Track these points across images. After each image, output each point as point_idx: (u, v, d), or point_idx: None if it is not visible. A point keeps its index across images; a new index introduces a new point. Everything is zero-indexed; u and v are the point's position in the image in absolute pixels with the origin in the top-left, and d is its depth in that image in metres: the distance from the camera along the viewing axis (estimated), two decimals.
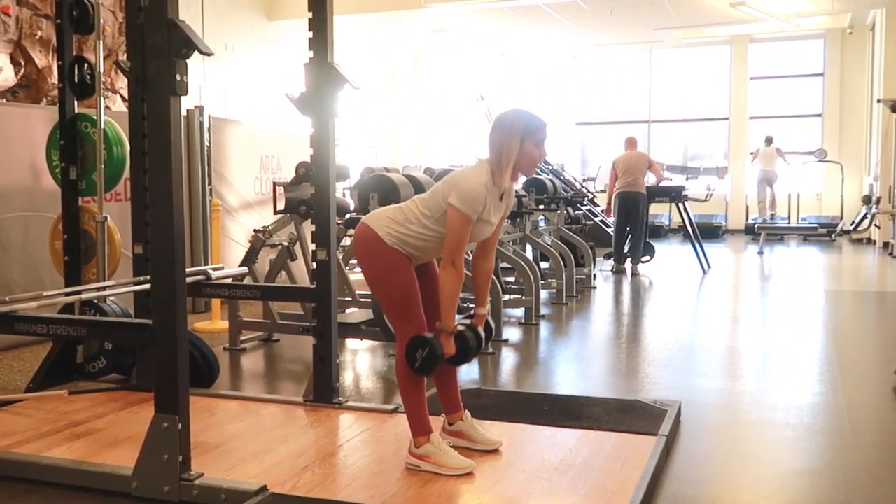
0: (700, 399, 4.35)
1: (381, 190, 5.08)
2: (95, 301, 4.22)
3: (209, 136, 7.39)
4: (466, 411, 3.34)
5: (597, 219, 13.54)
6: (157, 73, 2.80)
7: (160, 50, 2.79)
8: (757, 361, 5.46)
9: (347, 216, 5.66)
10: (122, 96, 8.47)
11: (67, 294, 3.84)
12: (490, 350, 5.43)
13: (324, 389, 3.93)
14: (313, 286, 3.96)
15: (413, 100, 17.23)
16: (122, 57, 8.51)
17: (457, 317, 3.13)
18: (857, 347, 6.07)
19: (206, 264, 6.52)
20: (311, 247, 3.99)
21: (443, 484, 2.94)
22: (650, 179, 10.79)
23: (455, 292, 3.01)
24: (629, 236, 10.09)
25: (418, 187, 5.33)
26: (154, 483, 2.91)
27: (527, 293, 6.63)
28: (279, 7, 12.33)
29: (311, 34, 3.87)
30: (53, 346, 4.31)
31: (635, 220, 9.99)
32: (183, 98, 4.20)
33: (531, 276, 6.53)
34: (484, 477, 3.02)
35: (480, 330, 3.18)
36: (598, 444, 3.36)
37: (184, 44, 2.79)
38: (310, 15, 3.87)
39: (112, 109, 7.92)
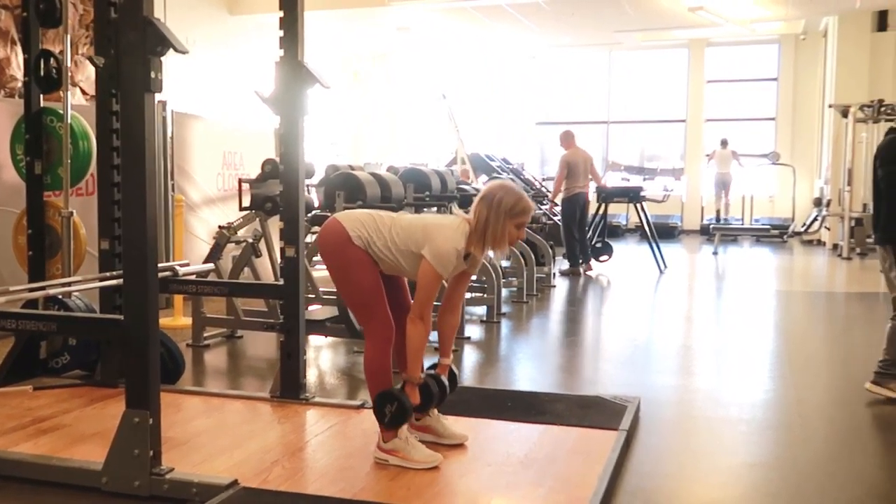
0: (657, 396, 4.47)
1: (348, 188, 5.12)
2: (60, 297, 4.20)
3: (171, 132, 7.36)
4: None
5: (556, 218, 13.70)
6: (131, 70, 2.82)
7: (135, 47, 2.81)
8: (711, 359, 5.61)
9: (312, 213, 5.70)
10: (81, 90, 8.37)
11: (34, 289, 3.82)
12: (454, 348, 5.50)
13: (290, 385, 3.97)
14: (280, 283, 4.00)
15: (375, 98, 17.23)
16: (83, 50, 8.43)
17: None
18: (807, 346, 6.26)
19: (167, 260, 6.49)
20: (278, 244, 4.03)
21: (411, 477, 3.01)
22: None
23: (422, 345, 3.13)
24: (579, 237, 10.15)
25: (384, 186, 5.39)
26: (124, 478, 2.92)
27: (489, 291, 6.72)
28: (241, 2, 12.26)
29: (281, 33, 3.90)
30: (16, 342, 4.28)
31: (584, 222, 10.12)
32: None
33: (493, 274, 6.62)
34: (451, 470, 3.09)
35: (444, 379, 3.33)
36: (560, 438, 3.46)
37: (159, 41, 2.82)
38: (280, 14, 3.90)
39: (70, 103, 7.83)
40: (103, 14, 4.14)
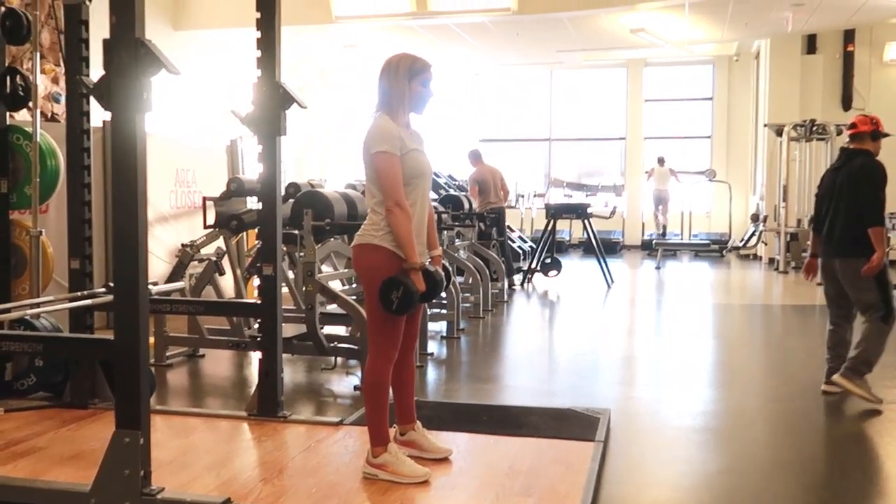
0: (621, 406, 4.60)
1: (316, 206, 5.15)
2: (28, 318, 4.13)
3: None
4: (418, 421, 3.47)
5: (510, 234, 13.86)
6: (123, 90, 2.83)
7: (127, 68, 2.82)
8: (667, 370, 5.79)
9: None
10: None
11: (6, 310, 3.76)
12: (418, 363, 5.56)
13: (268, 403, 3.98)
14: (258, 301, 4.01)
15: (321, 114, 17.21)
16: (27, 65, 8.27)
17: None
18: (755, 356, 6.51)
19: None
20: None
21: (402, 492, 3.06)
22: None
23: (408, 228, 3.11)
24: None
25: (350, 204, 5.44)
26: (114, 499, 2.89)
27: (448, 307, 6.80)
28: (185, 18, 12.15)
29: (258, 53, 3.94)
30: None
31: (502, 235, 10.31)
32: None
33: (453, 290, 6.70)
34: (440, 484, 3.16)
35: (440, 270, 3.32)
36: (540, 450, 3.55)
37: (151, 63, 2.84)
38: (258, 34, 3.94)
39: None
40: (74, 32, 4.11)
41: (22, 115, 8.23)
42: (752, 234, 14.34)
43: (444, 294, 6.60)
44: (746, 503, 3.22)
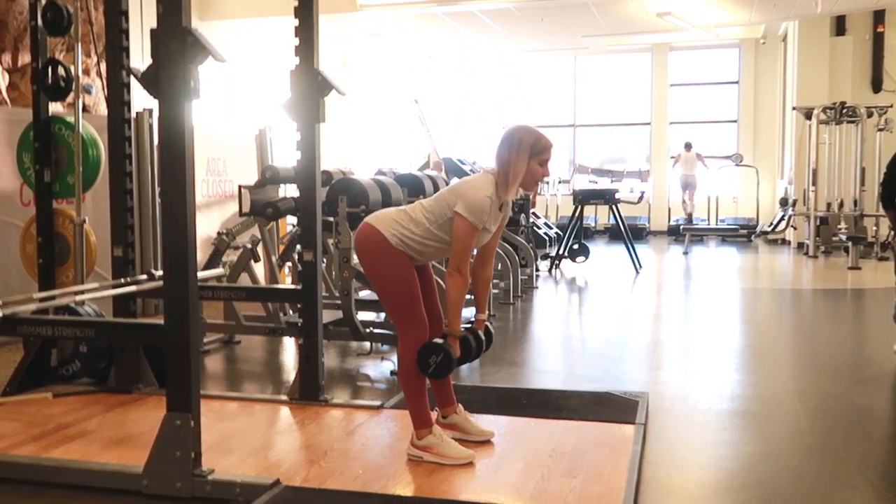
0: (656, 390, 4.60)
1: (350, 193, 5.18)
2: (72, 305, 4.21)
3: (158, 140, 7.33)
4: (459, 404, 3.51)
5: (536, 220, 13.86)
6: (171, 79, 2.87)
7: (175, 57, 2.86)
8: (700, 355, 5.78)
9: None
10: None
11: (56, 297, 3.83)
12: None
13: (310, 388, 4.04)
14: (298, 287, 4.06)
15: (345, 104, 17.25)
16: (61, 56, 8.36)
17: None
18: (788, 341, 6.48)
19: (155, 267, 6.48)
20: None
21: (447, 473, 3.10)
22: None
23: (461, 297, 3.20)
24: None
25: (384, 191, 5.47)
26: (166, 480, 2.97)
27: None
28: (211, 8, 12.22)
29: (297, 41, 3.97)
30: (28, 350, 4.28)
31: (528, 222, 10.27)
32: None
33: None
34: (484, 466, 3.19)
35: (481, 333, 3.40)
36: (582, 433, 3.58)
37: (199, 51, 2.88)
38: (296, 22, 3.97)
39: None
40: (114, 23, 4.17)
41: (52, 107, 8.37)
42: (781, 219, 14.23)
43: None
44: (790, 486, 3.22)
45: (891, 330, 5.52)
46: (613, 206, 11.05)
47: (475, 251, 3.35)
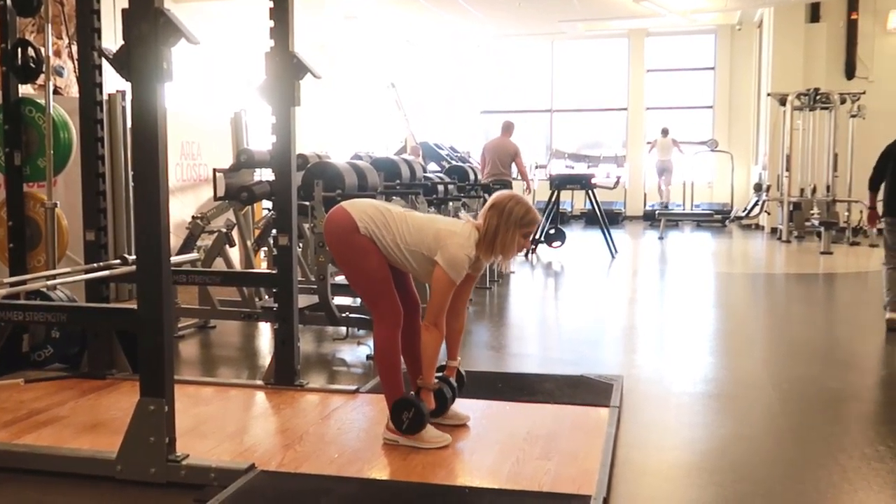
0: (629, 373, 4.62)
1: (326, 177, 5.16)
2: (44, 290, 4.16)
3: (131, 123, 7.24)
4: None
5: None
6: (144, 61, 2.83)
7: (148, 38, 2.82)
8: (674, 338, 5.84)
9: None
10: None
11: (27, 282, 3.78)
12: None
13: (285, 373, 4.02)
14: (274, 272, 4.04)
15: (321, 88, 17.12)
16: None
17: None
18: (760, 324, 6.55)
19: (129, 252, 6.42)
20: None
21: (423, 456, 3.11)
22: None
23: (437, 352, 3.25)
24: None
25: (360, 175, 5.45)
26: (140, 465, 2.95)
27: None
28: None
29: (272, 23, 3.92)
30: None
31: None
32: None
33: None
34: (460, 449, 3.20)
35: (453, 381, 3.47)
36: (557, 416, 3.60)
37: (172, 33, 2.84)
38: (271, 4, 3.92)
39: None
40: (86, 3, 4.10)
41: (23, 89, 8.23)
42: (755, 204, 14.35)
43: None
44: (762, 467, 3.26)
45: (861, 314, 5.61)
46: (590, 192, 11.09)
47: None
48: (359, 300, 5.59)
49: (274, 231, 4.23)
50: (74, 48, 5.30)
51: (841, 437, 3.63)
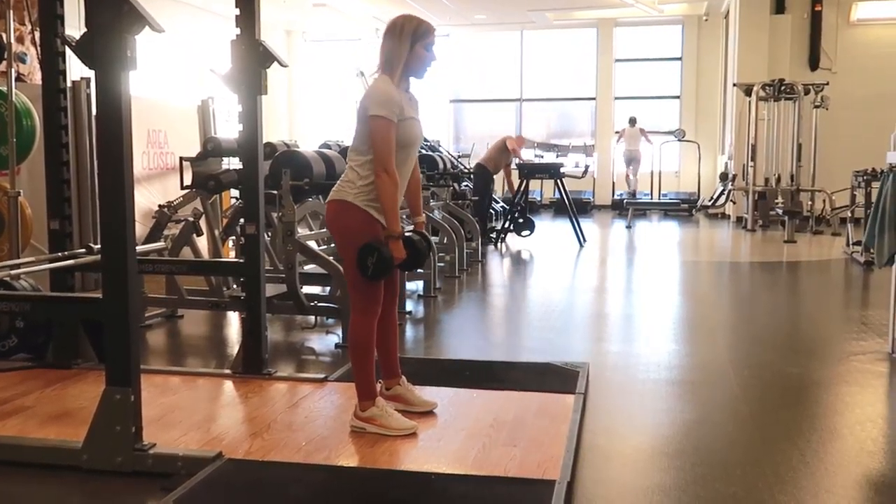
0: (597, 360, 4.68)
1: (294, 166, 5.15)
2: (7, 279, 4.11)
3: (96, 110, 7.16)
4: (403, 376, 3.54)
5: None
6: (107, 49, 2.81)
7: (111, 26, 2.80)
8: (641, 326, 5.91)
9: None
10: None
11: None
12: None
13: (253, 361, 4.03)
14: (241, 261, 4.03)
15: (288, 75, 17.02)
16: None
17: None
18: (725, 312, 6.66)
19: (95, 241, 6.36)
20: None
21: (390, 444, 3.14)
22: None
23: (394, 196, 3.14)
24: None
25: (328, 163, 5.44)
26: (106, 455, 2.94)
27: (425, 267, 6.85)
28: None
29: (237, 11, 3.91)
30: None
31: (477, 196, 10.49)
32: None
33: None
34: (427, 436, 3.23)
35: (427, 233, 3.38)
36: (523, 403, 3.64)
37: (136, 21, 2.82)
38: None
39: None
40: None
41: None
42: (721, 194, 14.52)
43: None
44: (723, 451, 3.33)
45: (822, 302, 5.72)
46: (558, 181, 11.15)
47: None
48: (328, 289, 5.60)
49: (241, 220, 4.22)
50: (38, 34, 5.24)
51: (800, 420, 3.71)
